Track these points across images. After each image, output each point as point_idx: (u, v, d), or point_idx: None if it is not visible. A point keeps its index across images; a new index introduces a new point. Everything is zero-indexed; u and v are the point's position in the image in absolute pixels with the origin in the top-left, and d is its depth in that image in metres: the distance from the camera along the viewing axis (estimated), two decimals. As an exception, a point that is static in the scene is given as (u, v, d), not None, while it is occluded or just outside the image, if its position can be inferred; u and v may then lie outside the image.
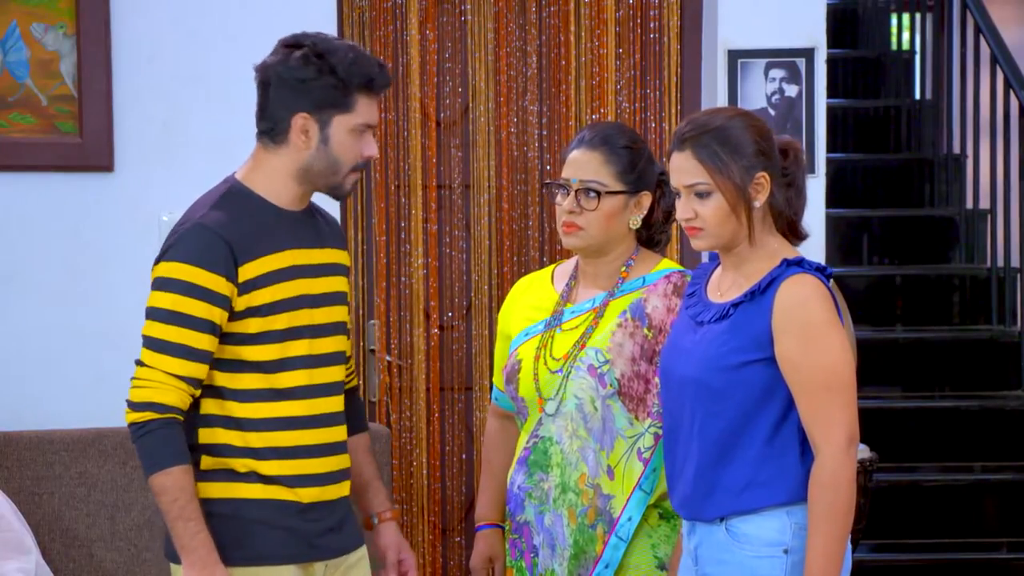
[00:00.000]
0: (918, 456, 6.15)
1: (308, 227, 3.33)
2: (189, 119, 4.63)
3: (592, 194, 3.45)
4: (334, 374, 3.34)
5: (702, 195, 3.13)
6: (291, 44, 3.27)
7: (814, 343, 3.05)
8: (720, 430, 3.12)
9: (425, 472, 4.90)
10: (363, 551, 3.43)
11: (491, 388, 3.77)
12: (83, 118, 4.57)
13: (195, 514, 3.17)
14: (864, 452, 4.80)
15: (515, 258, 4.90)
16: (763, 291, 3.10)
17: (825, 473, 3.04)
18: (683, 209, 3.17)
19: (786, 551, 3.10)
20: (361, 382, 4.81)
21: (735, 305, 3.13)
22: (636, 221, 3.49)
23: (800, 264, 3.10)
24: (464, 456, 4.92)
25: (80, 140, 4.58)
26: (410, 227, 4.88)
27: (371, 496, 3.53)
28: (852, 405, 3.07)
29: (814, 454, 3.07)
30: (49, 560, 4.32)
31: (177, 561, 3.27)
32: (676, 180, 3.17)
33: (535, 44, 4.89)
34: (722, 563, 3.15)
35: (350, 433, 3.46)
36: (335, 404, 3.33)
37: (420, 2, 4.85)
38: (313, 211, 3.39)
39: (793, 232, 3.20)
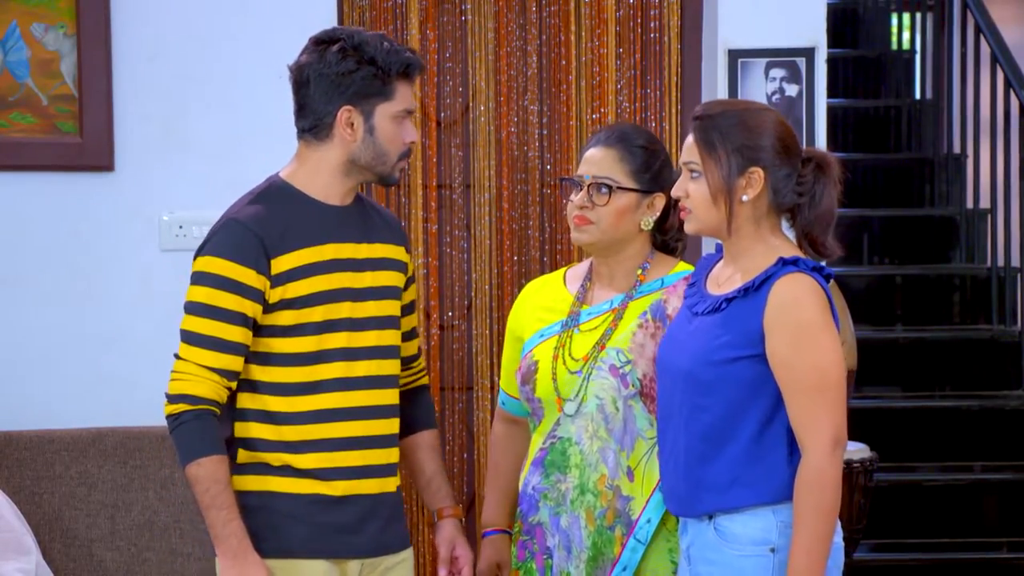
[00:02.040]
0: (918, 456, 6.15)
1: (354, 221, 3.34)
2: (189, 119, 4.63)
3: (604, 189, 3.45)
4: (378, 367, 3.34)
5: (695, 176, 3.16)
6: (324, 40, 3.29)
7: (805, 343, 3.06)
8: (707, 424, 3.13)
9: (425, 472, 4.90)
10: (406, 555, 3.43)
11: (498, 392, 3.75)
12: (83, 118, 4.57)
13: (227, 503, 3.19)
14: (864, 452, 4.80)
15: (515, 258, 4.90)
16: (757, 288, 3.11)
17: (810, 473, 3.04)
18: (677, 187, 3.22)
19: (772, 550, 3.10)
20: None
21: (728, 300, 3.14)
22: (648, 222, 3.48)
23: (796, 263, 3.10)
24: (465, 456, 4.91)
25: (80, 140, 4.58)
26: (411, 227, 4.88)
27: (432, 493, 3.54)
28: (840, 406, 3.08)
29: (801, 453, 3.07)
30: (49, 560, 4.32)
31: None
32: (681, 158, 3.22)
33: (535, 44, 4.89)
34: (711, 563, 3.16)
35: (414, 429, 3.50)
36: (377, 397, 3.33)
37: (420, 2, 4.85)
38: (366, 206, 3.41)
39: (812, 246, 3.19)
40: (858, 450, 4.79)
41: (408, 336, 3.52)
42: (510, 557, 3.62)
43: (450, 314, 4.92)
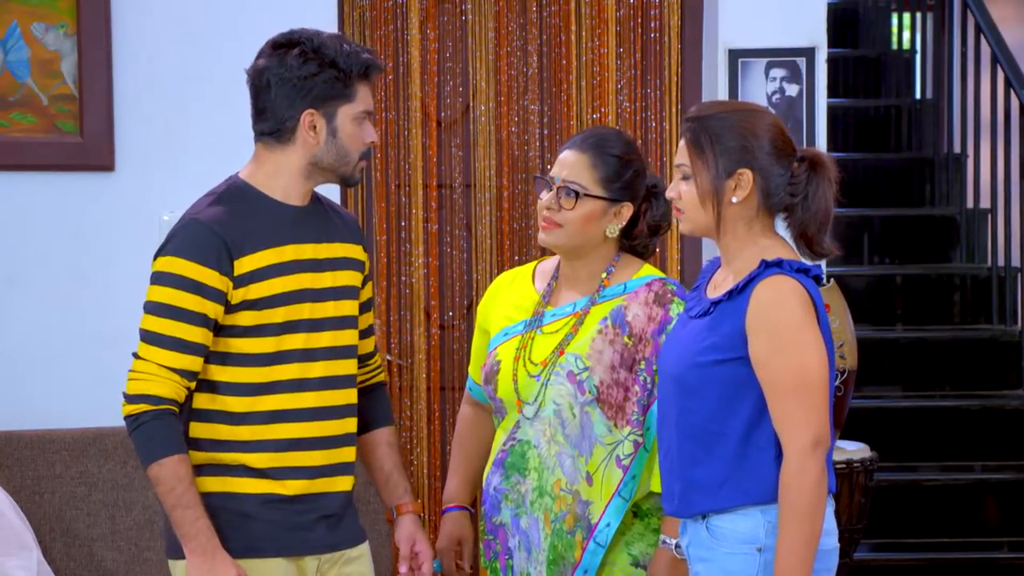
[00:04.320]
0: (918, 456, 6.15)
1: (313, 222, 3.35)
2: (190, 119, 4.63)
3: (571, 194, 3.45)
4: (333, 368, 3.34)
5: (686, 178, 3.18)
6: (283, 44, 3.30)
7: (784, 344, 3.06)
8: (695, 426, 3.14)
9: (426, 471, 4.90)
10: (362, 549, 3.43)
11: (466, 377, 3.76)
12: (84, 118, 4.57)
13: (193, 501, 3.19)
14: (864, 452, 4.80)
15: (516, 257, 4.90)
16: (740, 291, 3.12)
17: (790, 474, 3.05)
18: (671, 188, 3.23)
19: (759, 549, 3.11)
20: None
21: (715, 303, 3.16)
22: (613, 230, 3.49)
23: (779, 265, 3.11)
24: (463, 455, 4.91)
25: (81, 140, 4.58)
26: (411, 226, 4.88)
27: (390, 489, 3.54)
28: (821, 407, 3.07)
29: (783, 454, 3.08)
30: (50, 559, 4.33)
31: (176, 557, 3.30)
32: (675, 159, 3.24)
33: (536, 43, 4.89)
34: (705, 561, 3.17)
35: (372, 427, 3.50)
36: (332, 398, 3.34)
37: (421, 1, 4.86)
38: (325, 206, 3.41)
39: (807, 246, 3.19)
40: (858, 450, 4.80)
41: (365, 334, 3.52)
42: (471, 533, 3.64)
43: (450, 314, 4.92)
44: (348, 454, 3.38)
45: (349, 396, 3.38)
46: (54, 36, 4.57)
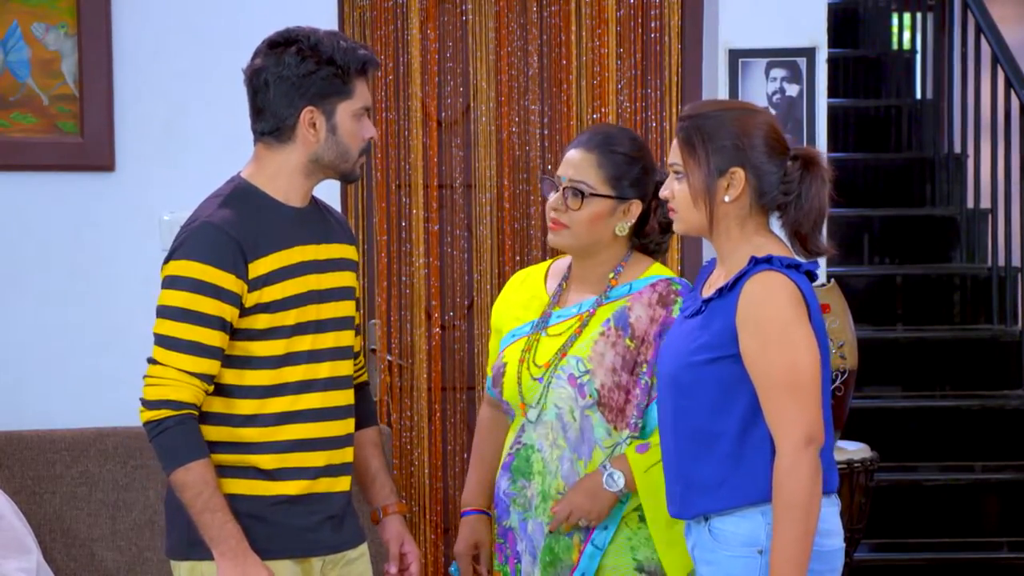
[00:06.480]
0: (918, 456, 6.15)
1: (315, 223, 3.35)
2: (190, 119, 4.63)
3: (577, 194, 3.44)
4: (336, 369, 3.35)
5: (679, 177, 3.17)
6: (279, 42, 3.30)
7: (773, 341, 3.05)
8: (691, 426, 3.14)
9: (427, 471, 4.90)
10: (363, 549, 3.44)
11: (486, 379, 3.76)
12: (84, 118, 4.57)
13: (220, 505, 3.19)
14: (864, 452, 4.80)
15: (516, 258, 4.90)
16: (731, 288, 3.12)
17: (782, 471, 3.04)
18: (664, 188, 3.23)
19: (760, 552, 3.10)
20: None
21: (707, 302, 3.16)
22: (623, 228, 3.47)
23: (769, 261, 3.10)
24: (466, 456, 4.91)
25: (81, 140, 4.58)
26: (411, 226, 4.88)
27: (377, 490, 3.53)
28: (813, 403, 3.06)
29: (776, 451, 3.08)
30: (50, 560, 4.32)
31: (179, 558, 3.30)
32: (668, 159, 3.24)
33: (536, 43, 4.89)
34: (708, 563, 3.17)
35: (358, 427, 3.49)
36: (335, 399, 3.34)
37: (421, 1, 4.85)
38: (320, 207, 3.42)
39: (801, 245, 3.19)
40: (858, 450, 4.79)
41: (355, 332, 3.52)
42: (488, 537, 3.62)
43: (451, 314, 4.92)
44: (348, 454, 3.39)
45: (349, 397, 3.39)
46: (54, 36, 4.57)
